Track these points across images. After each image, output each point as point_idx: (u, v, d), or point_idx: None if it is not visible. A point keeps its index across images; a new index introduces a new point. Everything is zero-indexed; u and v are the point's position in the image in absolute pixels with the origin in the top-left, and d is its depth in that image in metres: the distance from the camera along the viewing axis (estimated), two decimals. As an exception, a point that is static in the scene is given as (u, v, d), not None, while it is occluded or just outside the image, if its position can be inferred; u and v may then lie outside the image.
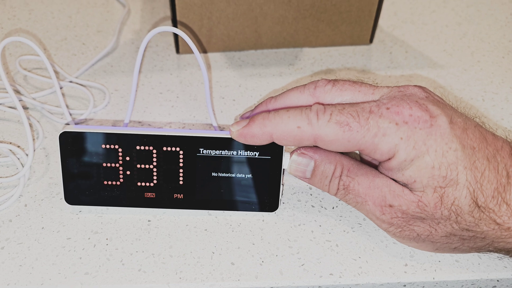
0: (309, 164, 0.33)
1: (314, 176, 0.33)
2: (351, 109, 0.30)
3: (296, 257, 0.33)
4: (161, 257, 0.32)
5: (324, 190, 0.33)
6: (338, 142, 0.30)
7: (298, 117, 0.31)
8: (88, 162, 0.33)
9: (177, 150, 0.33)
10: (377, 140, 0.30)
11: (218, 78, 0.48)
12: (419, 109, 0.30)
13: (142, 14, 0.58)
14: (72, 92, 0.46)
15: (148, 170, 0.33)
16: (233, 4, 0.49)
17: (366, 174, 0.32)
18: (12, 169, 0.38)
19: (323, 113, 0.30)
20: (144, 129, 0.33)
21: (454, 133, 0.29)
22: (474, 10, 0.62)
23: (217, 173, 0.34)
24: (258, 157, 0.33)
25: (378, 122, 0.30)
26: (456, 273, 0.32)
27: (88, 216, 0.35)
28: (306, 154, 0.33)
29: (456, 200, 0.29)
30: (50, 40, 0.53)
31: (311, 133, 0.30)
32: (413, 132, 0.29)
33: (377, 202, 0.31)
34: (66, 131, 0.33)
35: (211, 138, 0.33)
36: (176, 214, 0.35)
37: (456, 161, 0.29)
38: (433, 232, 0.30)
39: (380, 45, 0.54)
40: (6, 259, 0.32)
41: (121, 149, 0.33)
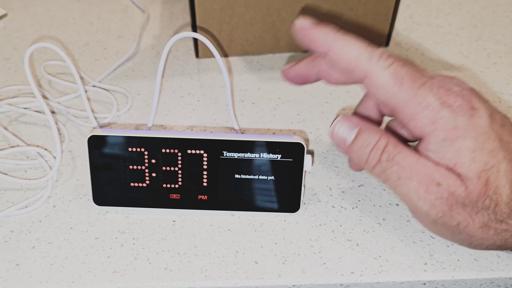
0: (353, 130, 0.32)
1: (355, 143, 0.32)
2: (411, 70, 0.31)
3: (317, 256, 0.33)
4: (187, 256, 0.33)
5: (361, 160, 0.32)
6: (383, 90, 0.31)
7: (363, 49, 0.31)
8: (115, 164, 0.34)
9: (201, 153, 0.34)
10: (418, 109, 0.30)
11: (238, 81, 0.49)
12: (463, 98, 0.31)
13: (161, 19, 0.60)
14: (96, 96, 0.47)
15: (173, 172, 0.34)
16: (252, 9, 0.50)
17: (411, 151, 0.31)
18: (40, 171, 0.39)
19: (386, 59, 0.31)
20: (169, 133, 0.34)
21: (492, 127, 0.30)
22: (489, 12, 0.62)
23: (240, 175, 0.35)
24: (280, 160, 0.34)
25: (427, 94, 0.30)
26: (475, 272, 0.33)
27: (115, 217, 0.36)
28: (351, 119, 0.33)
29: (497, 189, 0.29)
30: (72, 46, 0.54)
31: (365, 68, 0.31)
32: (455, 116, 0.30)
33: (423, 180, 0.30)
34: (94, 135, 0.34)
35: (234, 141, 0.34)
36: (200, 214, 0.36)
37: (496, 150, 0.30)
38: (470, 223, 0.30)
39: (396, 48, 0.55)
40: (38, 258, 0.33)
41: (147, 152, 0.34)
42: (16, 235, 0.34)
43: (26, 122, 0.44)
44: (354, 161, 0.34)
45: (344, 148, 0.33)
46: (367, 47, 0.32)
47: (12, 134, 0.42)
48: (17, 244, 0.34)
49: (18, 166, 0.39)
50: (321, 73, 0.36)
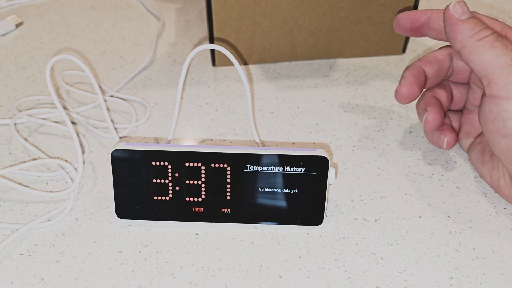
0: (468, 11, 0.35)
1: (469, 20, 0.35)
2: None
3: (342, 270, 0.33)
4: (211, 270, 0.33)
5: (469, 34, 0.35)
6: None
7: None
8: (138, 178, 0.34)
9: (224, 167, 0.34)
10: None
11: (255, 90, 0.49)
12: None
13: (176, 27, 0.60)
14: (114, 106, 0.47)
15: (197, 186, 0.34)
16: (269, 17, 0.49)
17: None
18: (61, 183, 0.39)
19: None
20: (193, 146, 0.34)
21: None
22: (507, 16, 0.62)
23: (264, 189, 0.35)
24: (304, 173, 0.34)
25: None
26: (501, 286, 0.32)
27: (138, 230, 0.36)
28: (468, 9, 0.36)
29: None
30: (89, 54, 0.54)
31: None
32: None
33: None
34: (118, 149, 0.34)
35: (258, 154, 0.34)
36: (222, 227, 0.36)
37: None
38: None
39: (413, 55, 0.54)
40: (62, 273, 0.33)
41: (170, 165, 0.34)
42: (39, 249, 0.34)
43: (46, 132, 0.44)
44: (459, 32, 0.36)
45: (454, 22, 0.35)
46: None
47: (32, 146, 0.42)
48: (41, 258, 0.34)
49: (40, 178, 0.39)
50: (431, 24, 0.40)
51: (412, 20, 0.40)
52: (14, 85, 0.50)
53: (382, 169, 0.41)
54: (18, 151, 0.42)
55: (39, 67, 0.52)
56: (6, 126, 0.45)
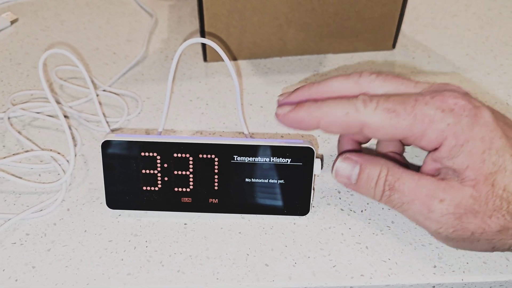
0: (355, 168, 0.33)
1: (360, 180, 0.33)
2: (397, 97, 0.31)
3: (327, 258, 0.34)
4: (199, 259, 0.34)
5: (369, 195, 0.33)
6: (385, 129, 0.31)
7: (346, 104, 0.32)
8: (128, 168, 0.35)
9: (212, 157, 0.35)
10: (424, 127, 0.30)
11: (245, 85, 0.50)
12: (462, 99, 0.31)
13: (169, 23, 0.60)
14: (106, 100, 0.48)
15: (185, 176, 0.35)
16: (259, 13, 0.50)
17: (411, 174, 0.32)
18: (53, 175, 0.40)
19: (370, 101, 0.31)
20: (181, 138, 0.35)
21: (497, 123, 0.30)
22: (496, 13, 0.62)
23: (251, 179, 0.35)
24: (290, 164, 0.35)
25: (424, 109, 0.30)
26: (484, 275, 0.33)
27: (128, 220, 0.36)
28: (350, 158, 0.34)
29: (507, 187, 0.29)
30: (82, 50, 0.55)
31: (359, 120, 0.31)
32: (459, 118, 0.30)
33: (425, 200, 0.31)
34: (108, 140, 0.34)
35: (245, 145, 0.34)
36: (211, 217, 0.37)
37: (503, 148, 0.30)
38: (486, 229, 0.30)
39: (402, 50, 0.55)
40: (53, 261, 0.34)
41: (159, 156, 0.35)
42: (31, 238, 0.35)
43: (39, 126, 0.45)
44: (362, 195, 0.35)
45: (351, 186, 0.34)
46: (349, 101, 0.32)
47: (26, 138, 0.43)
48: (33, 247, 0.34)
49: (32, 170, 0.40)
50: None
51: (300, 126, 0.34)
52: (9, 80, 0.50)
53: (369, 161, 0.41)
54: (11, 144, 0.43)
55: (33, 63, 0.53)
56: (0, 120, 0.45)
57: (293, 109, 0.33)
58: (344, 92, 0.34)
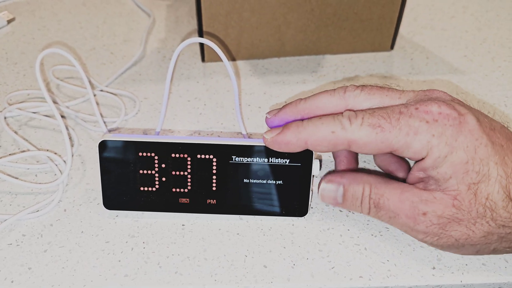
0: (339, 190, 0.34)
1: (346, 200, 0.34)
2: (381, 111, 0.32)
3: (326, 260, 0.34)
4: (196, 260, 0.34)
5: (357, 211, 0.34)
6: (371, 144, 0.31)
7: (331, 122, 0.32)
8: (125, 169, 0.35)
9: (210, 158, 0.34)
10: (409, 139, 0.31)
11: (244, 85, 0.50)
12: (447, 107, 0.31)
13: (166, 23, 0.60)
14: (103, 100, 0.48)
15: (183, 177, 0.35)
16: (257, 13, 0.50)
17: (394, 188, 0.32)
18: (50, 175, 0.40)
19: (355, 118, 0.32)
20: (179, 138, 0.35)
21: (483, 130, 0.30)
22: (494, 15, 0.62)
23: (249, 180, 0.35)
24: (289, 164, 0.35)
25: (409, 121, 0.31)
26: (483, 276, 0.33)
27: (125, 221, 0.36)
28: (333, 180, 0.34)
29: (490, 195, 0.30)
30: (79, 50, 0.55)
31: (345, 137, 0.32)
32: (444, 129, 0.30)
33: (409, 213, 0.32)
34: (105, 140, 0.34)
35: (243, 146, 0.34)
36: (208, 218, 0.36)
37: (488, 156, 0.30)
38: (471, 235, 0.31)
39: (401, 52, 0.55)
40: (50, 262, 0.33)
41: (157, 156, 0.34)
42: (28, 239, 0.35)
43: (36, 126, 0.44)
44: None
45: (338, 205, 0.35)
46: (334, 118, 0.32)
47: (22, 138, 0.42)
48: (29, 248, 0.34)
49: (29, 170, 0.40)
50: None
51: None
52: (5, 80, 0.50)
53: (368, 163, 0.41)
54: (8, 144, 0.42)
55: (29, 62, 0.53)
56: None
57: (279, 132, 0.33)
58: (330, 108, 0.34)
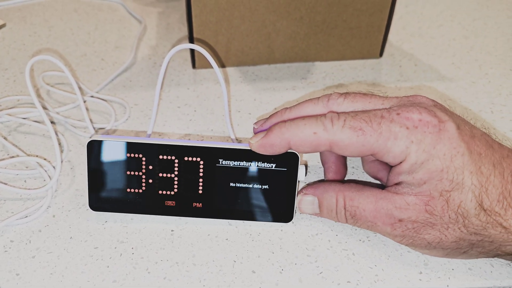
0: (314, 201, 0.35)
1: (322, 211, 0.35)
2: (364, 115, 0.32)
3: (314, 265, 0.34)
4: (185, 266, 0.34)
5: (336, 221, 0.35)
6: (352, 146, 0.32)
7: (314, 124, 0.33)
8: (113, 169, 0.35)
9: (197, 160, 0.35)
10: (389, 144, 0.31)
11: (234, 92, 0.50)
12: (428, 114, 0.31)
13: (157, 30, 0.60)
14: (94, 106, 0.48)
15: (170, 179, 0.35)
16: (247, 21, 0.50)
17: (368, 197, 0.33)
18: (39, 181, 0.40)
19: (337, 119, 0.32)
20: (167, 140, 0.35)
21: (462, 138, 0.31)
22: (481, 23, 0.63)
23: (235, 184, 0.35)
24: (275, 169, 0.35)
25: (390, 126, 0.31)
26: (469, 281, 0.33)
27: (114, 226, 0.36)
28: (308, 193, 0.35)
29: (462, 203, 0.30)
30: (70, 56, 0.55)
31: (327, 138, 0.32)
32: (423, 136, 0.31)
33: (386, 221, 0.33)
34: (94, 140, 0.34)
35: (230, 149, 0.34)
36: (197, 224, 0.36)
37: (463, 166, 0.30)
38: (443, 239, 0.32)
39: (389, 59, 0.56)
40: (38, 268, 0.33)
41: (144, 158, 0.35)
42: (16, 245, 0.35)
43: (25, 132, 0.44)
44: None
45: (318, 216, 0.36)
46: (317, 119, 0.33)
47: (11, 144, 0.42)
48: (17, 254, 0.34)
49: (18, 176, 0.40)
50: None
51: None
52: (-5, 86, 0.50)
53: (356, 168, 0.42)
54: (-4, 150, 0.42)
55: (20, 68, 0.53)
56: (-15, 126, 0.45)
57: (264, 135, 0.34)
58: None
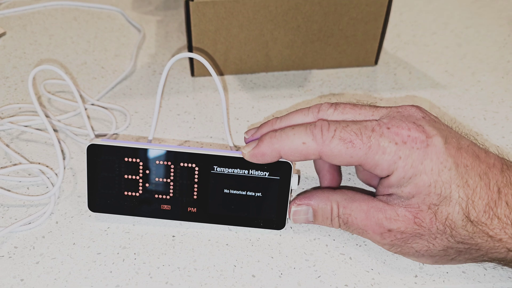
0: (308, 211, 0.36)
1: (317, 219, 0.36)
2: (354, 126, 0.33)
3: (312, 269, 0.35)
4: (186, 270, 0.34)
5: (329, 227, 0.37)
6: (341, 157, 0.33)
7: (303, 133, 0.33)
8: (111, 173, 0.36)
9: (193, 167, 0.36)
10: (377, 157, 0.32)
11: (232, 100, 0.51)
12: (416, 130, 0.32)
13: (156, 38, 0.61)
14: (95, 114, 0.48)
15: (166, 184, 0.36)
16: (245, 30, 0.51)
17: (360, 205, 0.34)
18: (41, 188, 0.40)
19: (327, 130, 0.33)
20: (164, 146, 0.36)
21: (449, 153, 0.32)
22: (473, 31, 0.65)
23: (229, 190, 0.36)
24: (268, 177, 0.36)
25: (379, 140, 0.32)
26: (463, 284, 0.34)
27: (116, 232, 0.37)
28: (302, 203, 0.36)
29: (450, 215, 0.31)
30: (70, 64, 0.56)
31: (316, 149, 0.33)
32: (411, 151, 0.32)
33: (376, 230, 0.34)
34: (94, 144, 0.35)
35: (225, 157, 0.35)
36: (198, 229, 0.37)
37: (450, 180, 0.31)
38: (431, 247, 0.33)
39: (384, 67, 0.57)
40: (42, 273, 0.34)
41: (142, 162, 0.36)
42: (20, 251, 0.35)
43: (27, 139, 0.45)
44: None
45: (312, 223, 0.37)
46: (306, 129, 0.33)
47: (14, 152, 0.43)
48: (21, 259, 0.35)
49: (21, 183, 0.40)
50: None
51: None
52: (-4, 94, 0.51)
53: (352, 175, 0.43)
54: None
55: (21, 76, 0.53)
56: (-12, 133, 0.46)
57: (255, 145, 0.34)
58: None
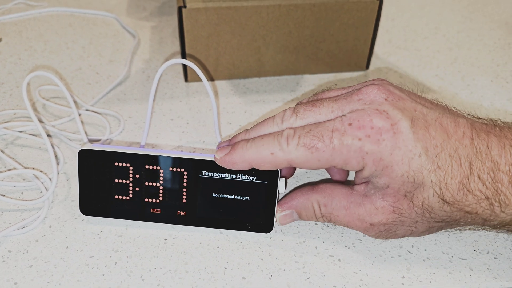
0: (293, 214, 0.37)
1: (303, 218, 0.38)
2: (316, 130, 0.33)
3: (302, 271, 0.35)
4: (178, 273, 0.35)
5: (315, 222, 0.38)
6: (309, 163, 0.33)
7: (271, 144, 0.34)
8: (102, 177, 0.37)
9: (182, 171, 0.36)
10: (344, 157, 0.33)
11: (225, 104, 0.52)
12: (380, 119, 0.32)
13: (151, 44, 0.62)
14: (89, 119, 0.49)
15: (155, 188, 0.37)
16: (238, 35, 0.52)
17: (340, 202, 0.35)
18: (35, 193, 0.41)
19: (292, 138, 0.33)
20: (154, 151, 0.36)
21: (417, 137, 0.32)
22: (464, 35, 0.65)
23: (218, 194, 0.37)
24: (256, 181, 0.36)
25: (342, 139, 0.32)
26: (449, 284, 0.35)
27: (109, 236, 0.37)
28: (285, 207, 0.37)
29: (425, 200, 0.32)
30: (65, 70, 0.56)
31: (284, 158, 0.34)
32: (377, 144, 0.32)
33: (359, 225, 0.35)
34: (85, 149, 0.36)
35: (213, 161, 0.36)
36: (190, 233, 0.38)
37: (421, 167, 0.32)
38: (414, 230, 0.35)
39: (376, 71, 0.58)
40: (35, 277, 0.34)
41: (132, 167, 0.36)
42: (13, 255, 0.36)
43: (22, 145, 0.46)
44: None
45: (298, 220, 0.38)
46: (274, 139, 0.34)
47: (8, 157, 0.44)
48: (15, 263, 0.35)
49: (15, 188, 0.41)
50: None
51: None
52: (-8, 100, 0.51)
53: (342, 178, 0.43)
54: (-6, 163, 0.44)
55: (16, 82, 0.54)
56: (-17, 139, 0.46)
57: (227, 152, 0.35)
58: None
